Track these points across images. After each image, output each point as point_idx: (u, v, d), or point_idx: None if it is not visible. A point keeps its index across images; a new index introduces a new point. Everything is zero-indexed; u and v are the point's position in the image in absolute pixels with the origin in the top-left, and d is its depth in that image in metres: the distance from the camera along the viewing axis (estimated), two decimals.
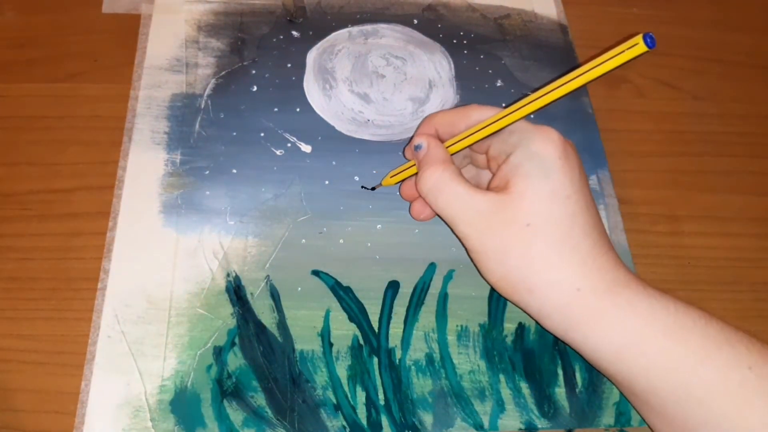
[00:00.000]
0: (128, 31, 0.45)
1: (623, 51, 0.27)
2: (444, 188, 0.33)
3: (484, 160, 0.36)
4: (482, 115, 0.34)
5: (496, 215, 0.31)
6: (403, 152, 0.40)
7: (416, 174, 0.36)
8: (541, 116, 0.44)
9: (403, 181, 0.38)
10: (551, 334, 0.32)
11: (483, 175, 0.37)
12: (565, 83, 0.29)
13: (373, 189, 0.40)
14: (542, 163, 0.31)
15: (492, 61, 0.46)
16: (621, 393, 0.33)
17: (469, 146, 0.34)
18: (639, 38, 0.26)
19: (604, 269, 0.31)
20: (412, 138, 0.37)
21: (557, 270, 0.30)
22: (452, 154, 0.35)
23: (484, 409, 0.34)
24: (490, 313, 0.37)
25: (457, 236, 0.33)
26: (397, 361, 0.35)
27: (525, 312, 0.33)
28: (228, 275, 0.36)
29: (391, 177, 0.38)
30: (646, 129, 0.46)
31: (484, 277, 0.33)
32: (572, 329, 0.31)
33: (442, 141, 0.35)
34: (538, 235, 0.31)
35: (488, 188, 0.34)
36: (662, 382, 0.29)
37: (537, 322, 0.33)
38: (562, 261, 0.30)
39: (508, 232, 0.31)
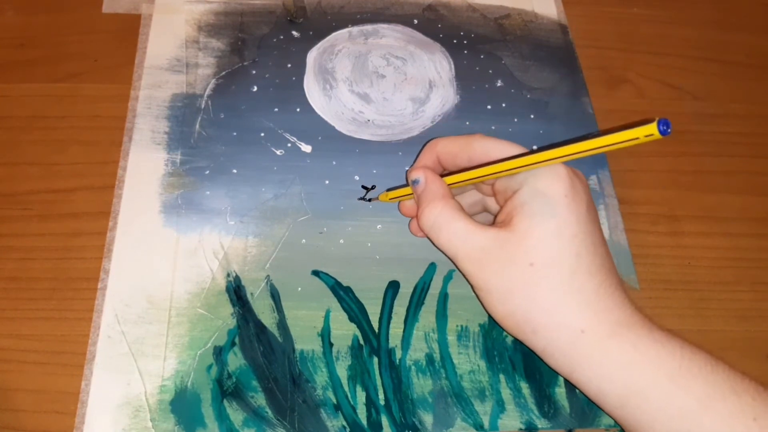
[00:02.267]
0: (128, 31, 0.45)
1: (637, 137, 0.26)
2: (444, 225, 0.32)
3: (489, 188, 0.35)
4: (485, 146, 0.33)
5: (499, 253, 0.31)
6: (406, 175, 0.37)
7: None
8: (541, 116, 0.44)
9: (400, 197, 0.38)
10: (556, 372, 0.32)
11: (488, 200, 0.36)
12: (572, 153, 0.28)
13: (369, 200, 0.40)
14: (548, 201, 0.30)
15: (492, 61, 0.46)
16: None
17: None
18: (654, 127, 0.25)
19: (609, 310, 0.30)
20: (413, 163, 0.36)
21: (561, 311, 0.30)
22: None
23: (484, 409, 0.34)
24: None
25: (460, 272, 0.33)
26: (397, 361, 0.35)
27: (530, 349, 0.32)
28: (228, 275, 0.36)
29: (388, 197, 0.38)
30: None
31: (488, 313, 0.32)
32: (576, 371, 0.30)
33: (444, 168, 0.35)
34: (541, 275, 0.30)
35: (494, 221, 0.34)
36: (666, 429, 0.28)
37: (542, 360, 0.32)
38: (566, 302, 0.30)
39: (511, 272, 0.30)
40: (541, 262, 0.30)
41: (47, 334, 0.34)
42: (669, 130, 0.25)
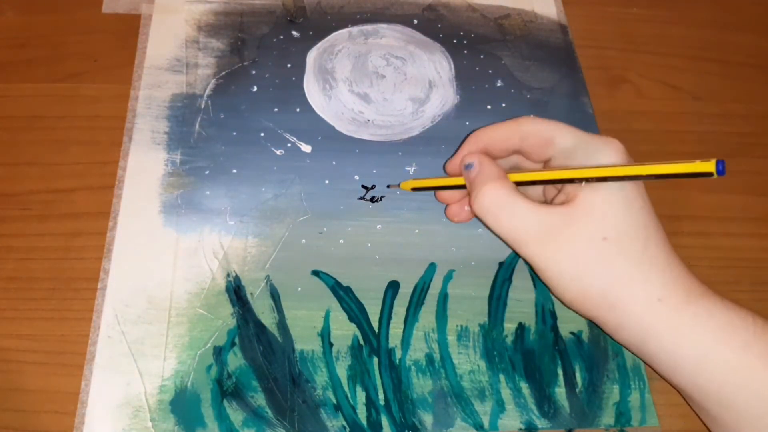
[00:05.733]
0: (128, 31, 0.45)
1: (694, 170, 0.27)
2: (504, 207, 0.31)
3: (538, 166, 0.35)
4: (534, 126, 0.33)
5: (568, 230, 0.30)
6: (444, 167, 0.38)
7: (456, 187, 0.36)
8: (541, 116, 0.44)
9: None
10: (623, 346, 0.32)
11: (530, 191, 0.36)
12: (637, 173, 0.29)
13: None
14: None
15: (492, 61, 0.46)
16: (688, 404, 0.33)
17: (527, 156, 0.34)
18: (712, 164, 0.26)
19: (681, 279, 0.30)
20: (455, 153, 0.36)
21: (638, 283, 0.30)
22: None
23: (484, 409, 0.34)
24: (490, 313, 0.37)
25: (520, 256, 0.32)
26: (397, 361, 0.35)
27: (599, 327, 0.32)
28: (228, 275, 0.36)
29: (410, 185, 0.38)
30: (646, 129, 0.46)
31: (556, 296, 0.32)
32: (650, 340, 0.30)
33: (491, 156, 0.35)
34: (616, 249, 0.30)
35: (551, 201, 0.34)
36: (738, 396, 0.29)
37: (610, 335, 0.32)
38: (642, 273, 0.30)
39: (583, 248, 0.30)
40: (615, 236, 0.30)
41: (47, 334, 0.34)
42: (724, 171, 0.26)
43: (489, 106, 0.44)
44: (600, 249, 0.30)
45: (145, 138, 0.40)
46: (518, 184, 0.33)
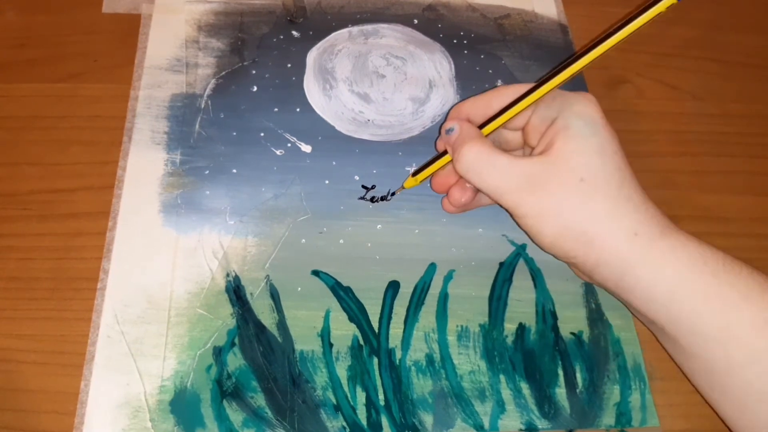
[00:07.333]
0: (128, 31, 0.45)
1: (654, 5, 0.29)
2: (485, 161, 0.33)
3: (515, 139, 0.37)
4: (515, 92, 0.35)
5: (547, 176, 0.32)
6: (435, 145, 0.40)
7: (449, 162, 0.36)
8: None
9: (431, 176, 0.38)
10: (601, 286, 0.34)
11: (512, 148, 0.38)
12: (597, 45, 0.32)
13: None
14: (589, 123, 0.33)
15: (492, 61, 0.46)
16: (660, 341, 0.34)
17: (504, 124, 0.35)
18: None
19: (656, 216, 0.33)
20: (440, 129, 0.38)
21: (615, 219, 0.32)
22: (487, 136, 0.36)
23: (484, 410, 0.34)
24: (490, 313, 0.37)
25: (503, 207, 0.34)
26: (397, 361, 0.35)
27: (577, 268, 0.34)
28: (228, 275, 0.36)
29: (417, 179, 0.38)
30: (646, 129, 0.46)
31: (536, 241, 0.34)
32: (627, 273, 0.32)
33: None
34: (593, 188, 0.32)
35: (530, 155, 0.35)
36: (708, 323, 0.31)
37: (588, 276, 0.34)
38: (619, 210, 0.32)
39: (562, 190, 0.32)
40: (591, 177, 0.32)
41: (47, 334, 0.34)
42: None
43: None
44: (578, 189, 0.32)
45: (145, 138, 0.40)
46: (495, 130, 0.35)
